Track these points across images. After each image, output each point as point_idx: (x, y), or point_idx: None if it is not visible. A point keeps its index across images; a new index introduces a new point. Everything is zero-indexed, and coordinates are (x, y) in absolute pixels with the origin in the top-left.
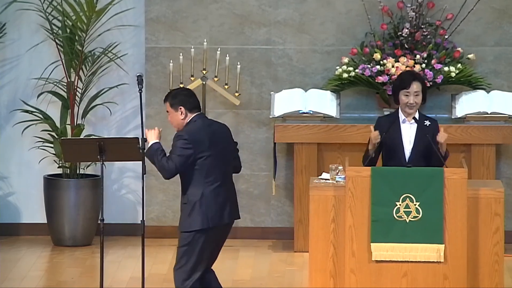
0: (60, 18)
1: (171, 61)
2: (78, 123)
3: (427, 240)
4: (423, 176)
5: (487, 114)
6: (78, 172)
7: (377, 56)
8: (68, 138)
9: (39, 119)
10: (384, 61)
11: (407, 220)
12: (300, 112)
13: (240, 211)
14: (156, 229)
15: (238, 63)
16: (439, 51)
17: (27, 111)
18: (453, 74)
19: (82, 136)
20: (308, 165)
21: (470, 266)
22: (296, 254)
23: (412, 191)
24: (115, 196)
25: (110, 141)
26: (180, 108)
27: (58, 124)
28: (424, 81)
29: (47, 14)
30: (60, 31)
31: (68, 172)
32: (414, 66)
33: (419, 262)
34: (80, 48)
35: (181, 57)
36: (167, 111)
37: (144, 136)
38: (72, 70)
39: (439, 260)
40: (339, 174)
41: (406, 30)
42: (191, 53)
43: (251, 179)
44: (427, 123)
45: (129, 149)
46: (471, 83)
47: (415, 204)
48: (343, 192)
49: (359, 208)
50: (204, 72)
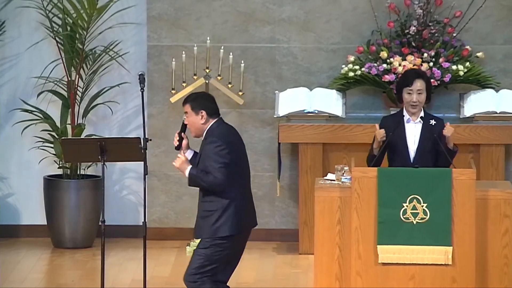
0: (60, 15)
1: (174, 59)
2: (78, 122)
3: (434, 242)
4: (431, 177)
5: (496, 113)
6: (78, 172)
7: (383, 54)
8: (68, 138)
9: (39, 118)
10: (391, 59)
11: (414, 222)
12: (305, 111)
13: None
14: (158, 231)
15: (242, 61)
16: (447, 49)
17: (27, 111)
18: (461, 73)
19: (82, 136)
20: (313, 165)
21: (478, 268)
22: (301, 257)
23: (420, 192)
24: (116, 197)
25: (111, 141)
26: (201, 112)
27: (58, 123)
28: (428, 79)
29: (47, 12)
30: (60, 29)
31: (68, 172)
32: (422, 65)
33: (426, 264)
34: (80, 46)
35: (183, 55)
36: (186, 113)
37: (175, 163)
38: (72, 68)
39: (447, 263)
40: (344, 174)
41: (414, 28)
42: (194, 51)
43: (255, 180)
44: (432, 122)
45: (130, 149)
46: (480, 82)
47: (422, 206)
48: (349, 193)
49: (365, 210)
50: (207, 70)
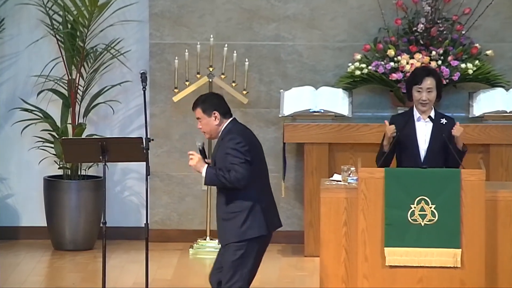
0: (61, 13)
1: (176, 57)
2: (79, 122)
3: (443, 244)
4: (439, 177)
5: (506, 113)
6: (79, 173)
7: (391, 52)
8: (69, 138)
9: (39, 118)
10: (398, 57)
11: (422, 224)
12: (310, 111)
13: None
14: (161, 232)
15: (246, 59)
16: (456, 47)
17: (26, 110)
18: (470, 71)
19: (83, 136)
20: (319, 166)
21: (488, 271)
22: (306, 259)
23: (428, 193)
24: (117, 198)
25: (113, 141)
26: (214, 113)
27: (58, 123)
28: (439, 77)
29: (48, 9)
30: (61, 27)
31: (69, 173)
32: (430, 63)
33: (435, 267)
34: (81, 44)
35: (186, 53)
36: (198, 118)
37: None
38: (73, 67)
39: (455, 265)
40: (351, 175)
41: (422, 25)
42: (197, 49)
43: None
44: (443, 121)
45: (132, 149)
46: (489, 81)
47: (430, 207)
48: (355, 194)
49: (372, 211)
50: (210, 69)
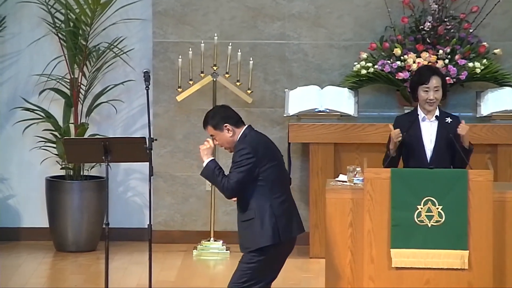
0: (63, 11)
1: (180, 56)
2: (82, 122)
3: (450, 246)
4: (446, 178)
5: None
6: (82, 173)
7: (397, 51)
8: (71, 137)
9: (40, 117)
10: (405, 56)
11: (429, 225)
12: (316, 110)
13: None
14: (164, 233)
15: (251, 58)
16: (463, 46)
17: (28, 109)
18: (478, 70)
19: (86, 136)
20: (324, 166)
21: (496, 273)
22: (311, 261)
23: (435, 194)
24: (120, 199)
25: (116, 141)
26: (226, 126)
27: (60, 123)
28: (443, 75)
29: (49, 7)
30: (63, 25)
31: (71, 173)
32: (437, 62)
33: (442, 269)
34: (84, 43)
35: (190, 52)
36: (212, 136)
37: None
38: (75, 66)
39: (463, 267)
40: (357, 176)
41: (428, 24)
42: (201, 48)
43: None
44: (448, 120)
45: (135, 149)
46: (497, 80)
47: (437, 208)
48: (361, 195)
49: (378, 212)
50: (214, 68)
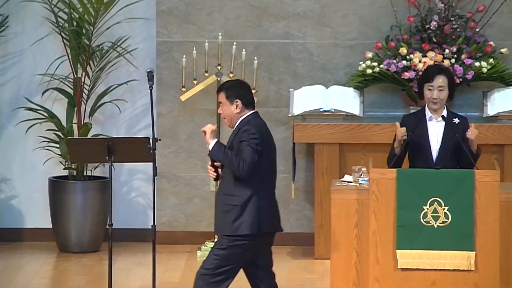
0: (66, 10)
1: (184, 56)
2: (85, 122)
3: (456, 247)
4: (452, 178)
5: None
6: (85, 174)
7: (403, 50)
8: (74, 138)
9: (43, 117)
10: (411, 56)
11: (435, 226)
12: (321, 110)
13: None
14: (168, 234)
15: (255, 58)
16: (470, 45)
17: (31, 109)
18: (484, 70)
19: (89, 136)
20: (330, 166)
21: (503, 274)
22: (316, 262)
23: (441, 195)
24: (124, 200)
25: (119, 141)
26: (237, 102)
27: (64, 123)
28: (451, 75)
29: (53, 6)
30: (66, 24)
31: (74, 174)
32: (443, 61)
33: (448, 270)
34: (87, 42)
35: (194, 51)
36: (220, 102)
37: (201, 131)
38: (79, 65)
39: (469, 268)
40: (362, 176)
41: (435, 23)
42: (205, 47)
43: None
44: (456, 120)
45: (139, 149)
46: (504, 80)
47: (443, 209)
48: (366, 196)
49: (384, 213)
50: (219, 67)
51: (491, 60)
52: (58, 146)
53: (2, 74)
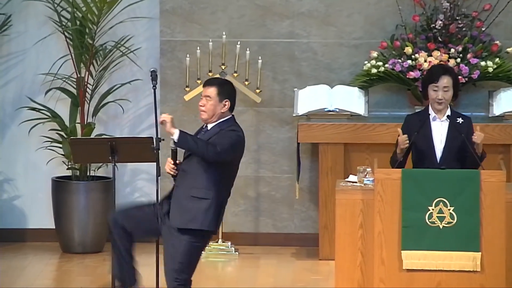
0: (69, 9)
1: (188, 55)
2: (88, 121)
3: (462, 247)
4: (458, 178)
5: None
6: (88, 174)
7: (408, 50)
8: (77, 137)
9: (46, 117)
10: (416, 55)
11: (441, 226)
12: (325, 110)
13: (262, 216)
14: None
15: (259, 57)
16: (476, 44)
17: (34, 109)
18: (490, 69)
19: (92, 136)
20: (334, 166)
21: (509, 275)
22: (321, 262)
23: (446, 195)
24: (127, 200)
25: (123, 141)
26: (226, 101)
27: (67, 122)
28: (456, 75)
29: (56, 5)
30: (69, 23)
31: (77, 174)
32: (448, 61)
33: (453, 271)
34: (90, 42)
35: (198, 51)
36: (207, 96)
37: (159, 122)
38: (82, 65)
39: (475, 269)
40: (367, 176)
41: (440, 22)
42: (209, 46)
43: (273, 181)
44: (459, 120)
45: (142, 149)
46: (510, 79)
47: (449, 209)
48: (371, 196)
49: (389, 213)
50: (223, 67)
51: (497, 59)
52: (61, 146)
53: (5, 73)
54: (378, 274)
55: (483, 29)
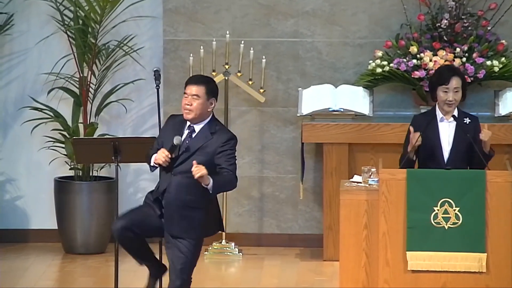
0: (72, 8)
1: (191, 54)
2: (91, 121)
3: (467, 248)
4: (464, 179)
5: None
6: (91, 174)
7: (413, 49)
8: (80, 137)
9: (49, 117)
10: (421, 54)
11: (446, 227)
12: (330, 110)
13: (266, 217)
14: None
15: (263, 57)
16: (481, 43)
17: (36, 109)
18: (496, 69)
19: (95, 136)
20: (339, 167)
21: None
22: (325, 263)
23: (451, 196)
24: (130, 200)
25: (126, 141)
26: (213, 101)
27: (69, 122)
28: (464, 76)
29: (58, 4)
30: (72, 23)
31: (80, 174)
32: (454, 60)
33: (459, 272)
34: (93, 41)
35: (201, 50)
36: (195, 95)
37: (193, 172)
38: (84, 64)
39: (481, 270)
40: (372, 176)
41: (445, 21)
42: (212, 46)
43: (277, 182)
44: (467, 120)
45: (145, 149)
46: None
47: (454, 210)
48: (376, 196)
49: (394, 214)
50: (226, 66)
51: (503, 59)
52: (63, 146)
53: (7, 73)
54: (382, 275)
55: (489, 28)
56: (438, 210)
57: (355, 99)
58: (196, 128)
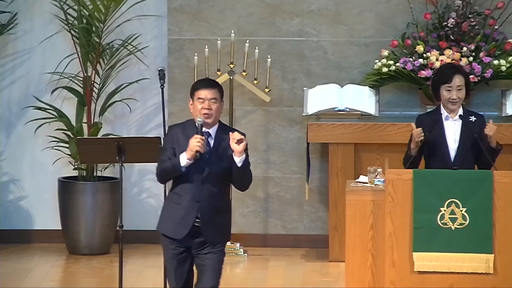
0: (76, 7)
1: (196, 54)
2: (95, 121)
3: (474, 249)
4: (471, 179)
5: None
6: (95, 174)
7: (420, 48)
8: (84, 137)
9: (53, 117)
10: (428, 54)
11: (453, 228)
12: (335, 109)
13: (271, 217)
14: None
15: (269, 56)
16: (488, 43)
17: (40, 108)
18: (503, 68)
19: (99, 136)
20: (344, 167)
21: None
22: (331, 264)
23: (458, 196)
24: (135, 201)
25: (130, 140)
26: (223, 103)
27: (73, 122)
28: (466, 73)
29: (62, 3)
30: (75, 22)
31: (84, 174)
32: (461, 60)
33: (466, 273)
34: (97, 40)
35: (206, 49)
36: (213, 99)
37: (233, 140)
38: (88, 63)
39: (488, 272)
40: (378, 177)
41: (452, 20)
42: (217, 45)
43: (282, 182)
44: (472, 119)
45: (150, 149)
46: None
47: (461, 210)
48: (382, 197)
49: (400, 214)
50: (231, 66)
51: (510, 58)
52: (67, 146)
53: (11, 72)
54: (389, 276)
55: (496, 27)
56: (444, 210)
57: (361, 98)
58: (212, 133)
